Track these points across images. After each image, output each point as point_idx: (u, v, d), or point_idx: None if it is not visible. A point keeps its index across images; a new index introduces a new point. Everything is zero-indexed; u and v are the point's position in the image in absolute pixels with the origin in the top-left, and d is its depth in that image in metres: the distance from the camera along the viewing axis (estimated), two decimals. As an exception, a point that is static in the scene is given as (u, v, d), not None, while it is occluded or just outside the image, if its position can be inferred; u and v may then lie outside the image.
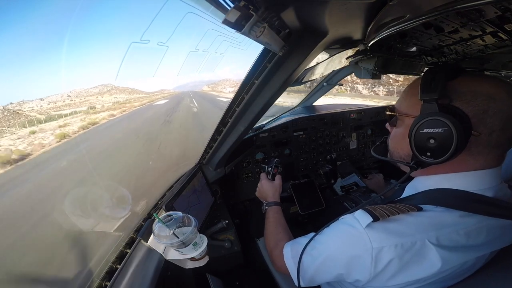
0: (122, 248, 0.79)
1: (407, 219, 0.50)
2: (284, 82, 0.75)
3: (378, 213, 0.49)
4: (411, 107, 0.56)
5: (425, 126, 0.48)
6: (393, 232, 0.48)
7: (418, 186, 0.59)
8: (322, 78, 1.78)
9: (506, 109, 0.46)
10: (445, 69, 0.50)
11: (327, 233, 0.59)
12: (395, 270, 0.48)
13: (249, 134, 1.50)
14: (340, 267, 0.54)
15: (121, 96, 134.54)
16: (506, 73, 1.04)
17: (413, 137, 0.50)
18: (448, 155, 0.46)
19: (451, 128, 0.44)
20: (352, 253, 0.52)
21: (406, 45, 0.76)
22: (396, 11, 0.46)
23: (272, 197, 1.03)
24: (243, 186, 1.58)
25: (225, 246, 1.05)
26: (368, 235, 0.49)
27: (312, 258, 0.58)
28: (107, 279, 0.68)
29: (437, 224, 0.49)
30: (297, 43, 0.62)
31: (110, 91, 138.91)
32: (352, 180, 1.70)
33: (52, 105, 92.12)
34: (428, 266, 0.48)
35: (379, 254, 0.48)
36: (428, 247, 0.47)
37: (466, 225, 0.49)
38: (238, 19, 0.39)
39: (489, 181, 0.51)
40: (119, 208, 0.96)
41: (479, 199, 0.49)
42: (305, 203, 1.33)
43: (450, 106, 0.48)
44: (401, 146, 0.59)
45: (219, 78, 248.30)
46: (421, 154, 0.50)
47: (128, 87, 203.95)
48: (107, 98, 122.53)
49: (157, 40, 0.66)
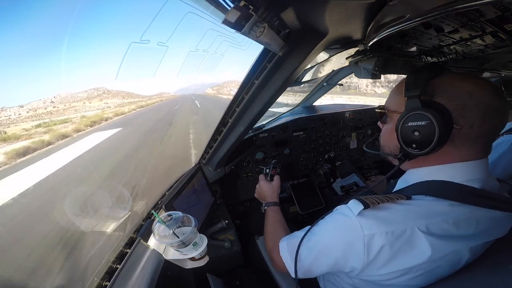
0: (122, 248, 0.79)
1: (397, 208, 0.52)
2: (284, 82, 0.75)
3: (369, 201, 0.51)
4: (398, 104, 0.60)
5: (409, 120, 0.52)
6: (383, 220, 0.50)
7: (408, 179, 0.62)
8: (322, 78, 1.78)
9: (484, 103, 0.49)
10: (428, 68, 0.54)
11: (322, 224, 0.61)
12: (387, 257, 0.50)
13: (249, 134, 1.51)
14: (336, 255, 0.55)
15: (112, 102, 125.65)
16: (506, 73, 1.04)
17: (400, 130, 0.55)
18: (431, 146, 0.50)
19: (433, 121, 0.48)
20: (346, 240, 0.53)
21: (406, 45, 0.76)
22: (396, 11, 0.46)
23: (270, 197, 1.04)
24: (243, 186, 1.58)
25: (225, 246, 1.05)
26: (359, 223, 0.51)
27: (309, 249, 0.60)
28: (107, 279, 0.68)
29: (426, 213, 0.51)
30: (297, 43, 0.63)
31: (100, 96, 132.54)
32: (352, 180, 1.70)
33: (32, 113, 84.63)
34: (418, 253, 0.49)
35: (370, 241, 0.50)
36: (418, 234, 0.49)
37: (455, 215, 0.51)
38: (238, 19, 0.40)
39: (475, 172, 0.53)
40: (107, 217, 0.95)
41: (468, 189, 0.51)
42: (304, 203, 1.33)
43: (432, 101, 0.52)
44: (390, 140, 0.62)
45: (222, 80, 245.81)
46: (407, 146, 0.54)
47: (123, 90, 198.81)
48: (95, 104, 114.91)
49: (157, 40, 0.67)
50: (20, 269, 1.63)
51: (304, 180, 1.43)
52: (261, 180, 1.12)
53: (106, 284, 0.67)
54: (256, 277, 1.10)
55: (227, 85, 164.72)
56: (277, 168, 1.15)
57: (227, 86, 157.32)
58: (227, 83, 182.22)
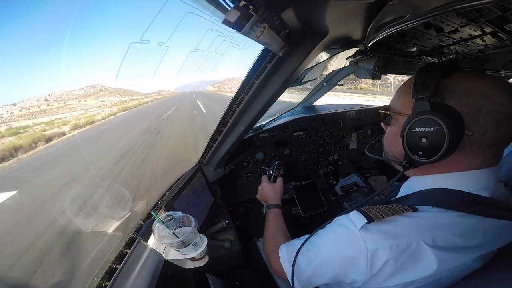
0: (122, 248, 0.79)
1: (402, 220, 0.49)
2: (284, 82, 0.75)
3: (373, 214, 0.49)
4: (404, 106, 0.55)
5: (416, 125, 0.47)
6: (388, 234, 0.48)
7: (413, 186, 0.59)
8: (322, 78, 1.78)
9: (500, 108, 0.44)
10: (439, 67, 0.48)
11: (322, 235, 0.58)
12: (391, 271, 0.48)
13: (249, 134, 1.50)
14: (336, 268, 0.54)
15: (109, 99, 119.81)
16: (506, 73, 1.04)
17: (405, 136, 0.49)
18: (439, 155, 0.45)
19: (443, 127, 0.43)
20: (347, 254, 0.51)
21: (406, 45, 0.76)
22: (396, 11, 0.46)
23: (273, 200, 1.01)
24: (243, 186, 1.58)
25: (225, 246, 1.05)
26: (363, 237, 0.49)
27: (308, 260, 0.58)
28: (107, 279, 0.68)
29: (432, 225, 0.48)
30: (297, 43, 0.62)
31: (97, 93, 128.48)
32: (352, 180, 1.70)
33: (25, 111, 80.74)
34: (424, 267, 0.47)
35: (374, 256, 0.48)
36: (423, 248, 0.46)
37: (462, 226, 0.48)
38: (238, 19, 0.39)
39: (485, 181, 0.50)
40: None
41: (476, 199, 0.48)
42: (307, 205, 1.32)
43: (443, 104, 0.46)
44: (394, 145, 0.58)
45: (223, 78, 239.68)
46: (413, 153, 0.49)
47: (121, 88, 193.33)
48: (91, 102, 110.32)
49: (158, 40, 0.67)
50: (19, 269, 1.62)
51: (307, 182, 1.42)
52: (264, 181, 1.10)
53: (106, 284, 0.67)
54: (256, 277, 1.10)
55: (228, 82, 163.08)
56: (280, 169, 1.13)
57: (228, 84, 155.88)
58: (228, 80, 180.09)
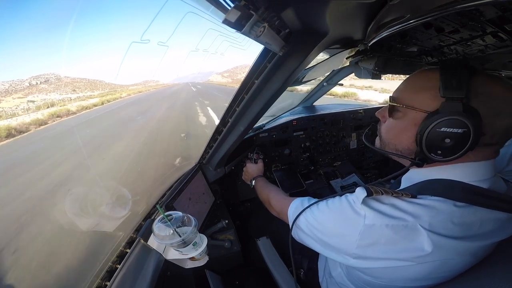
0: (122, 248, 0.79)
1: (401, 203, 0.50)
2: (284, 82, 0.75)
3: (373, 190, 0.50)
4: (422, 102, 0.51)
5: (443, 124, 0.46)
6: (386, 213, 0.49)
7: (413, 177, 0.59)
8: (322, 78, 1.78)
9: None
10: (467, 66, 0.47)
11: (330, 204, 0.60)
12: (383, 249, 0.49)
13: (249, 134, 1.51)
14: (332, 239, 0.56)
15: (48, 97, 75.53)
16: (506, 73, 1.04)
17: (427, 134, 0.48)
18: (459, 155, 0.46)
19: (471, 130, 0.44)
20: (345, 228, 0.53)
21: (406, 45, 0.76)
22: (396, 11, 0.46)
23: (256, 173, 1.22)
24: (243, 186, 1.58)
25: (225, 246, 1.05)
26: (363, 211, 0.51)
27: (307, 223, 0.61)
28: (107, 278, 0.69)
29: (430, 211, 0.48)
30: (297, 43, 0.62)
31: (32, 87, 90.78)
32: (352, 180, 1.71)
33: None
34: (416, 247, 0.47)
35: (367, 230, 0.49)
36: (419, 231, 0.47)
37: (460, 215, 0.49)
38: (238, 19, 0.39)
39: (484, 172, 0.51)
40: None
41: (475, 190, 0.49)
42: (287, 185, 1.51)
43: (471, 107, 0.46)
44: (400, 139, 0.57)
45: (235, 64, 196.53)
46: (430, 151, 0.49)
47: (85, 78, 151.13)
48: (8, 104, 69.94)
49: (157, 40, 0.67)
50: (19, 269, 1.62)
51: (286, 167, 1.67)
52: (247, 163, 1.32)
53: (106, 283, 0.67)
54: (256, 277, 1.10)
55: (239, 71, 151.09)
56: (259, 153, 1.37)
57: (240, 72, 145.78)
58: (241, 67, 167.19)
